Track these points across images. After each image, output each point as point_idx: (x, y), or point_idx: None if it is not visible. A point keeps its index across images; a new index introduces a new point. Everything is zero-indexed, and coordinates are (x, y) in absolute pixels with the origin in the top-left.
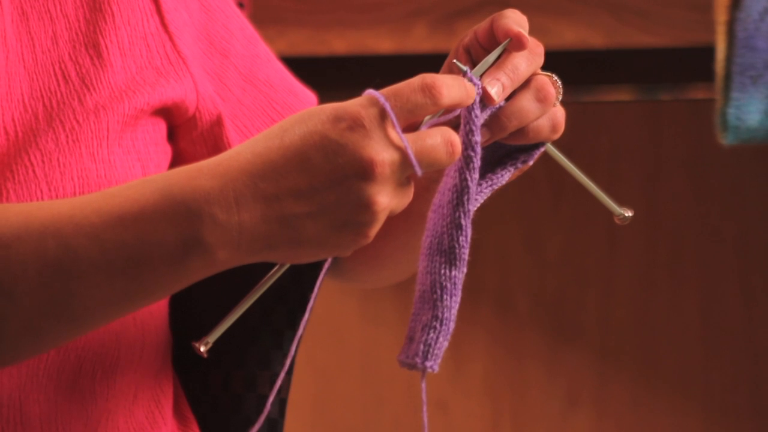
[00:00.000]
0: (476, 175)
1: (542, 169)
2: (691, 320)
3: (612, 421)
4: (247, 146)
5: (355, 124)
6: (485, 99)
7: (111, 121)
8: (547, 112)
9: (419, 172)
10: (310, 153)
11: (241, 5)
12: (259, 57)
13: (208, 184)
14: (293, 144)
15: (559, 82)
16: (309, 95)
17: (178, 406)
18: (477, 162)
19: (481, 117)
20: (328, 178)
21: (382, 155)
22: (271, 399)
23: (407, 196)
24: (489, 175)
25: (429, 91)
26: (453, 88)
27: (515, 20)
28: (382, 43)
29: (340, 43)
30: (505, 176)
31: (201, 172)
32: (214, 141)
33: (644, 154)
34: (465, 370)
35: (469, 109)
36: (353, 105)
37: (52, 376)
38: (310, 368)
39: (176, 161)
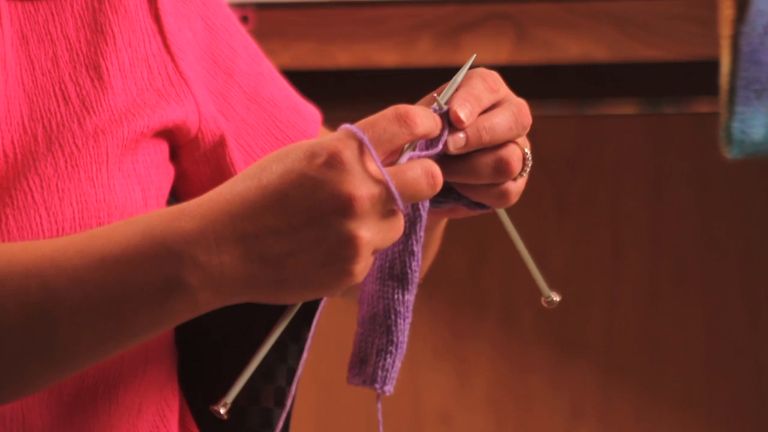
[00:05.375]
0: (428, 205)
1: (546, 182)
2: (695, 334)
3: None
4: (227, 186)
5: (333, 160)
6: (454, 120)
7: (110, 146)
8: (502, 183)
9: (401, 205)
10: (288, 191)
11: (245, 19)
12: (263, 75)
13: (188, 226)
14: (271, 183)
15: (530, 158)
16: (313, 113)
17: (182, 420)
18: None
19: (440, 149)
20: (306, 216)
21: (361, 190)
22: (284, 415)
23: (394, 229)
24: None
25: (404, 120)
26: (424, 117)
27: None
28: (386, 56)
29: (344, 56)
30: (444, 204)
31: (182, 214)
32: (217, 161)
33: (648, 167)
34: (469, 383)
35: (427, 143)
36: (330, 140)
37: (54, 389)
38: (313, 380)
39: (180, 181)
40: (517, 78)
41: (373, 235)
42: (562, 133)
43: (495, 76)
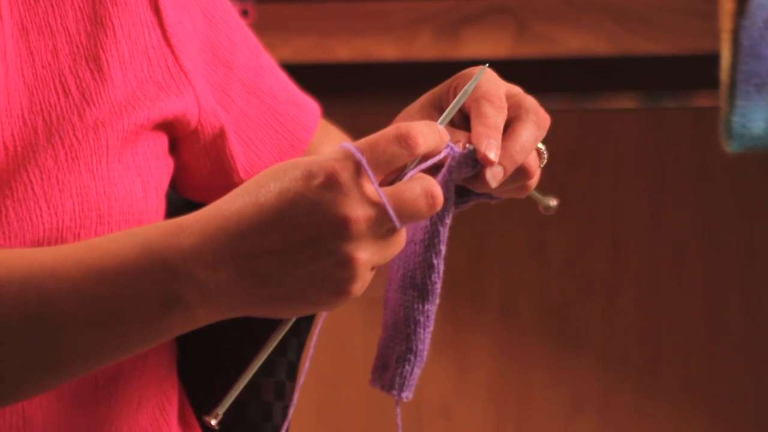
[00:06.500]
0: (448, 221)
1: (546, 176)
2: (695, 328)
3: (616, 428)
4: (226, 201)
5: (330, 181)
6: (487, 164)
7: (110, 138)
8: (522, 185)
9: (399, 225)
10: (284, 211)
11: (245, 12)
12: (263, 68)
13: (187, 242)
14: (268, 202)
15: (545, 151)
16: (312, 106)
17: (183, 413)
18: (449, 214)
19: (461, 173)
20: (303, 236)
21: (357, 212)
22: (290, 416)
23: (393, 247)
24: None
25: (404, 140)
26: (428, 135)
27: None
28: (386, 50)
29: (344, 50)
30: (467, 204)
31: (181, 229)
32: (216, 153)
33: (648, 161)
34: (469, 377)
35: (450, 169)
36: (328, 160)
37: None
38: (313, 375)
39: (179, 173)
40: (517, 72)
41: (370, 255)
42: (562, 127)
43: (498, 90)
